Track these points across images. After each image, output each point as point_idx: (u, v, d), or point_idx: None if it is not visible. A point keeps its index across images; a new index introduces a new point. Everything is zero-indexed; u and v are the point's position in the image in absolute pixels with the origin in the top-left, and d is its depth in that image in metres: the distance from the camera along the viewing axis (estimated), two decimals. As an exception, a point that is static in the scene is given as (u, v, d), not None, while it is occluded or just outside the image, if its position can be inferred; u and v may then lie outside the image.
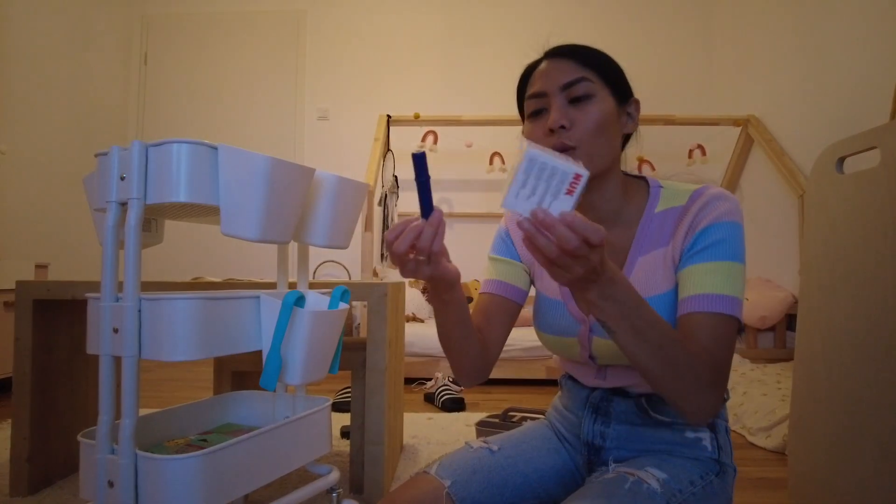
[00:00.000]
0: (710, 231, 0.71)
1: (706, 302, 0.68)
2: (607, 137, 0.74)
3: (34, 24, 3.21)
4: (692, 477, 0.72)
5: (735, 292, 0.69)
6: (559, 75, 0.74)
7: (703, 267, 0.70)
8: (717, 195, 0.73)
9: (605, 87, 0.75)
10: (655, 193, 0.79)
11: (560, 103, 0.73)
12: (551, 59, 0.77)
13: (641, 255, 0.76)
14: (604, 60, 0.77)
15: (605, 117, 0.73)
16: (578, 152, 0.72)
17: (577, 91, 0.73)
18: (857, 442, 1.06)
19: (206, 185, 0.77)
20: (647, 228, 0.77)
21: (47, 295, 1.30)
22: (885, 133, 1.06)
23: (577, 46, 0.78)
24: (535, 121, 0.76)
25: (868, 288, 1.06)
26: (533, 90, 0.77)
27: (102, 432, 0.77)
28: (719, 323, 0.67)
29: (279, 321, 0.87)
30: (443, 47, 3.99)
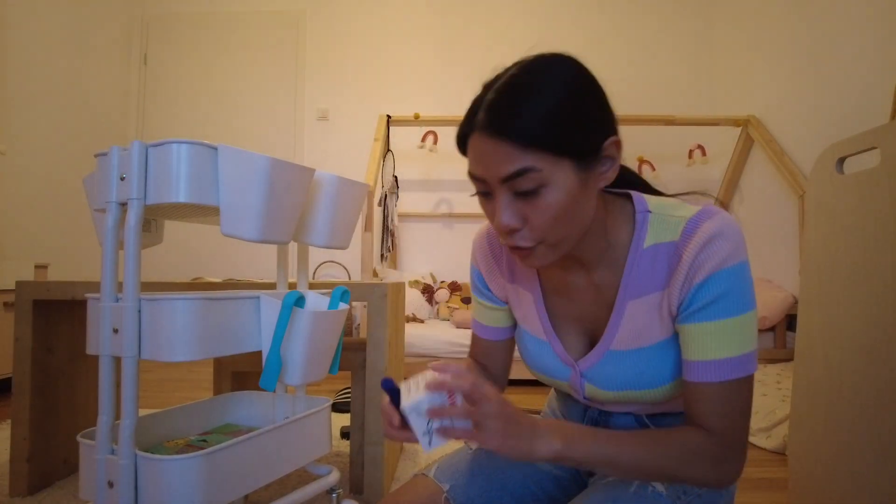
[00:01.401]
0: (711, 284, 0.60)
1: (714, 371, 0.60)
2: (572, 219, 0.60)
3: (34, 24, 3.21)
4: None
5: (745, 348, 0.61)
6: (497, 164, 0.58)
7: (707, 327, 0.61)
8: (715, 233, 0.60)
9: (559, 161, 0.57)
10: (643, 223, 0.66)
11: (505, 198, 0.59)
12: (484, 134, 0.58)
13: (631, 300, 0.66)
14: (554, 125, 0.56)
15: (563, 204, 0.58)
16: (540, 247, 0.62)
17: (523, 185, 0.57)
18: (857, 442, 1.06)
19: (206, 186, 0.77)
20: (634, 268, 0.66)
21: (47, 295, 1.30)
22: (885, 133, 1.06)
23: (513, 110, 0.56)
24: (486, 201, 0.63)
25: (868, 288, 1.06)
26: (470, 170, 0.62)
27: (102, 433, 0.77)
28: (730, 391, 0.60)
29: (279, 322, 0.87)
30: (443, 47, 3.99)
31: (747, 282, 0.61)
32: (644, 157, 3.63)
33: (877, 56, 2.31)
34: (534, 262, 0.63)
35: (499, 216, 0.60)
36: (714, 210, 0.63)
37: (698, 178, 3.80)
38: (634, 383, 0.68)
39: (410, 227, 3.88)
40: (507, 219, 0.60)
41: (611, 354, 0.69)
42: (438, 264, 3.80)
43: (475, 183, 0.62)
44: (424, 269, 3.80)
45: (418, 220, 3.87)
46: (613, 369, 0.69)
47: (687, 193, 0.74)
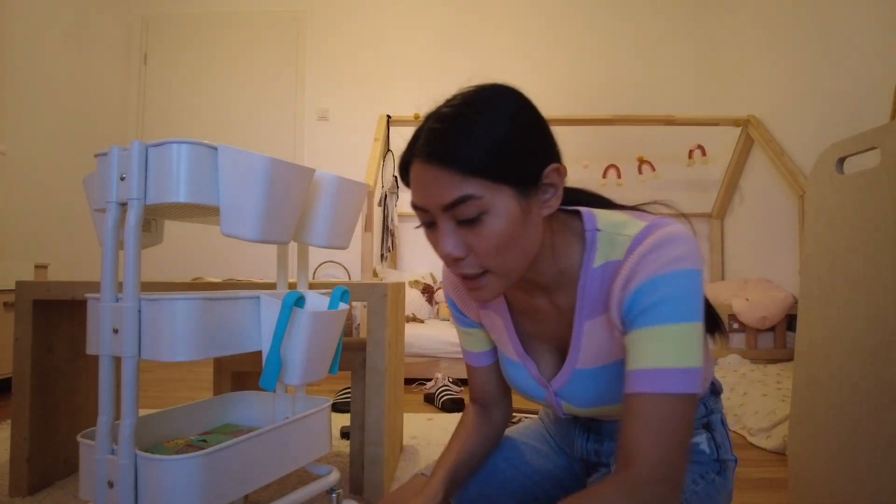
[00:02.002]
0: (648, 289, 0.58)
1: (648, 381, 0.56)
2: (517, 247, 0.60)
3: (34, 23, 3.21)
4: (693, 476, 0.72)
5: (685, 362, 0.56)
6: (437, 192, 0.58)
7: (643, 333, 0.58)
8: (661, 241, 0.59)
9: (499, 189, 0.57)
10: (592, 242, 0.65)
11: (447, 227, 0.59)
12: (424, 163, 0.59)
13: (588, 320, 0.66)
14: (494, 153, 0.57)
15: (506, 231, 0.58)
16: (487, 277, 0.61)
17: (464, 213, 0.57)
18: (857, 442, 1.06)
19: (205, 186, 0.77)
20: (586, 289, 0.65)
21: (47, 295, 1.30)
22: (885, 133, 1.06)
23: (453, 138, 0.57)
24: (431, 232, 0.63)
25: (868, 288, 1.06)
26: (413, 199, 0.63)
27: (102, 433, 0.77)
28: (665, 407, 0.55)
29: (279, 322, 0.87)
30: (443, 47, 3.99)
31: (691, 291, 0.57)
32: (644, 157, 3.63)
33: (877, 56, 2.31)
34: (484, 295, 0.62)
35: (442, 245, 0.60)
36: (663, 223, 0.61)
37: (698, 178, 3.80)
38: (606, 399, 0.68)
39: (410, 227, 3.88)
40: (451, 247, 0.60)
41: (578, 373, 0.69)
42: (438, 264, 3.78)
43: (418, 213, 0.63)
44: (424, 269, 3.80)
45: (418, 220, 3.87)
46: (583, 387, 0.69)
47: (647, 204, 0.73)
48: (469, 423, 0.82)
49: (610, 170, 3.66)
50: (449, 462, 0.75)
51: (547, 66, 3.90)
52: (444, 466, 0.74)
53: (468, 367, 0.85)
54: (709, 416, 0.76)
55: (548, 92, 3.97)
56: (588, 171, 3.63)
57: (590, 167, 3.62)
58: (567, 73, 3.89)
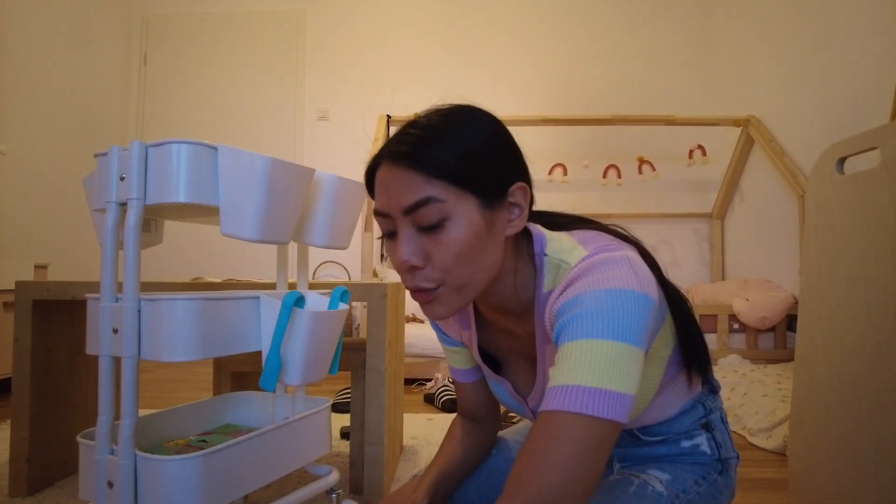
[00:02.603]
0: (571, 304, 0.54)
1: (551, 397, 0.50)
2: (476, 261, 0.58)
3: (33, 24, 3.21)
4: (696, 477, 0.72)
5: (602, 382, 0.48)
6: (399, 193, 0.57)
7: (563, 350, 0.53)
8: (593, 264, 0.56)
9: (463, 196, 0.56)
10: (541, 267, 0.64)
11: (407, 233, 0.58)
12: (391, 163, 0.59)
13: (546, 345, 0.65)
14: (462, 159, 0.56)
15: (467, 241, 0.56)
16: (441, 290, 0.58)
17: (425, 217, 0.56)
18: (857, 443, 1.06)
19: (205, 186, 0.77)
20: (539, 315, 0.64)
21: (47, 295, 1.30)
22: (885, 133, 1.06)
23: (423, 142, 0.57)
24: (391, 244, 0.61)
25: (869, 288, 1.06)
26: (375, 206, 0.61)
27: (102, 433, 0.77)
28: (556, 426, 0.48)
29: (279, 322, 0.87)
30: (443, 47, 3.99)
31: (618, 309, 0.51)
32: (644, 157, 3.63)
33: (877, 56, 2.30)
34: (437, 310, 0.60)
35: (400, 251, 0.58)
36: (607, 249, 0.58)
37: (698, 178, 3.80)
38: None
39: (410, 227, 3.88)
40: (408, 254, 0.57)
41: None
42: (438, 264, 3.79)
43: (380, 221, 0.61)
44: (424, 269, 3.80)
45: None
46: None
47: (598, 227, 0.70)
48: (456, 435, 0.82)
49: (610, 170, 3.66)
50: (434, 472, 0.76)
51: (547, 65, 3.90)
52: (430, 477, 0.76)
53: (457, 384, 0.85)
54: (708, 415, 0.76)
55: (548, 92, 3.98)
56: (588, 171, 3.63)
57: (590, 167, 3.62)
58: (567, 72, 3.89)
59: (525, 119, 3.25)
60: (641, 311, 0.53)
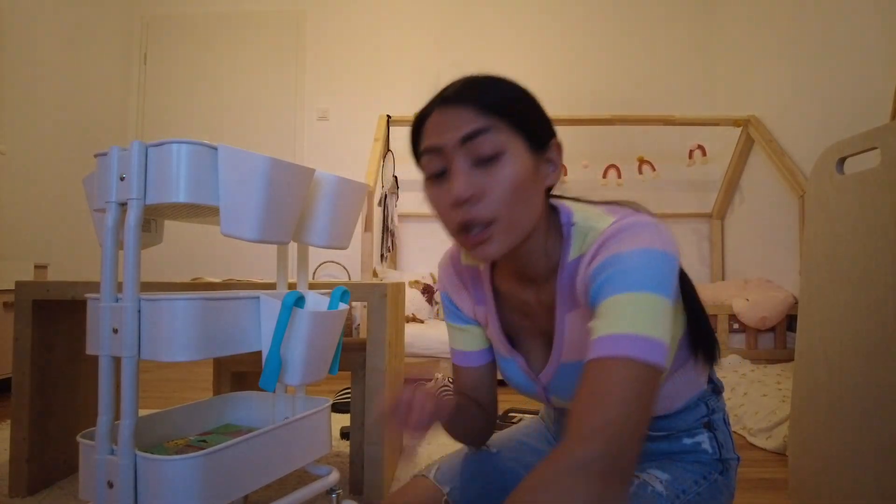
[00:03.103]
0: (608, 262, 0.56)
1: (600, 345, 0.52)
2: (527, 201, 0.60)
3: (34, 23, 3.21)
4: (696, 477, 0.72)
5: (644, 329, 0.51)
6: (457, 126, 0.59)
7: (602, 306, 0.55)
8: (625, 226, 0.58)
9: (516, 136, 0.60)
10: (568, 236, 0.66)
11: (463, 166, 0.59)
12: (448, 104, 0.61)
13: (567, 313, 0.66)
14: (512, 100, 0.61)
15: (520, 178, 0.59)
16: (494, 227, 0.59)
17: (481, 148, 0.58)
18: (857, 442, 1.06)
19: (205, 186, 0.77)
20: (563, 281, 0.65)
21: (47, 295, 1.30)
22: (885, 133, 1.06)
23: (480, 86, 0.61)
24: (438, 185, 0.62)
25: (868, 288, 1.06)
26: (427, 143, 0.62)
27: (102, 433, 0.77)
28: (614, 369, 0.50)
29: (279, 322, 0.87)
30: (442, 47, 3.99)
31: (652, 266, 0.55)
32: (644, 157, 3.63)
33: (877, 56, 2.30)
34: (489, 250, 0.60)
35: (457, 183, 0.58)
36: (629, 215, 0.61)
37: (698, 178, 3.80)
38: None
39: (410, 227, 3.88)
40: (464, 185, 0.58)
41: (564, 367, 0.69)
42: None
43: (430, 160, 0.62)
44: (424, 269, 3.80)
45: (418, 220, 3.87)
46: (569, 381, 0.69)
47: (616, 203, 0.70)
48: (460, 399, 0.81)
49: (610, 170, 3.66)
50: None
51: (547, 65, 3.89)
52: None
53: (457, 368, 0.82)
54: (710, 415, 0.76)
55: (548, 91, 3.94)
56: (588, 171, 3.63)
57: (590, 167, 3.62)
58: (567, 72, 3.89)
59: (525, 119, 3.24)
60: (672, 268, 0.56)
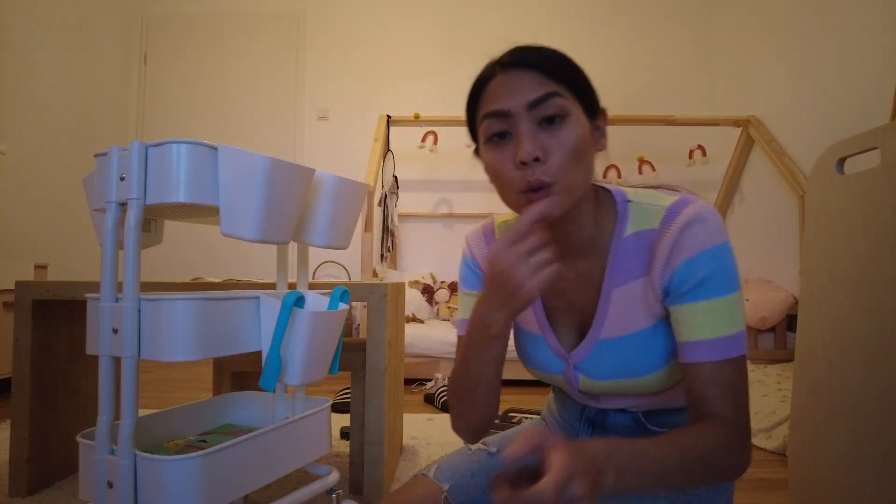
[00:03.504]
0: (694, 266, 0.62)
1: (711, 350, 0.62)
2: (585, 164, 0.63)
3: (33, 23, 3.21)
4: None
5: (737, 326, 0.63)
6: (524, 90, 0.62)
7: (697, 307, 0.62)
8: (693, 218, 0.62)
9: (575, 101, 0.64)
10: (624, 213, 0.68)
11: (529, 128, 0.62)
12: (510, 69, 0.64)
13: (616, 287, 0.68)
14: (574, 70, 0.65)
15: (581, 141, 0.62)
16: (556, 188, 0.61)
17: (547, 110, 0.61)
18: (858, 443, 1.06)
19: (205, 186, 0.77)
20: (618, 256, 0.68)
21: (47, 295, 1.30)
22: (885, 133, 1.06)
23: (541, 52, 0.64)
24: (499, 147, 0.64)
25: (869, 288, 1.06)
26: (492, 108, 0.64)
27: (102, 433, 0.77)
28: (731, 370, 0.62)
29: (279, 322, 0.87)
30: (443, 47, 3.99)
31: (731, 262, 0.63)
32: (644, 157, 3.63)
33: (877, 56, 2.30)
34: (553, 202, 0.61)
35: (523, 145, 0.61)
36: (692, 198, 0.66)
37: (699, 178, 3.80)
38: (627, 371, 0.68)
39: (410, 227, 3.88)
40: (531, 146, 0.61)
41: (602, 343, 0.69)
42: (438, 264, 3.80)
43: (493, 122, 0.64)
44: (424, 269, 3.80)
45: (418, 220, 3.87)
46: (605, 358, 0.69)
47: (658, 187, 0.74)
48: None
49: (610, 170, 3.65)
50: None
51: (547, 66, 3.89)
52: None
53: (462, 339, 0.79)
54: None
55: (548, 92, 3.97)
56: (588, 171, 3.63)
57: (590, 167, 3.62)
58: (567, 73, 3.88)
59: (525, 119, 3.25)
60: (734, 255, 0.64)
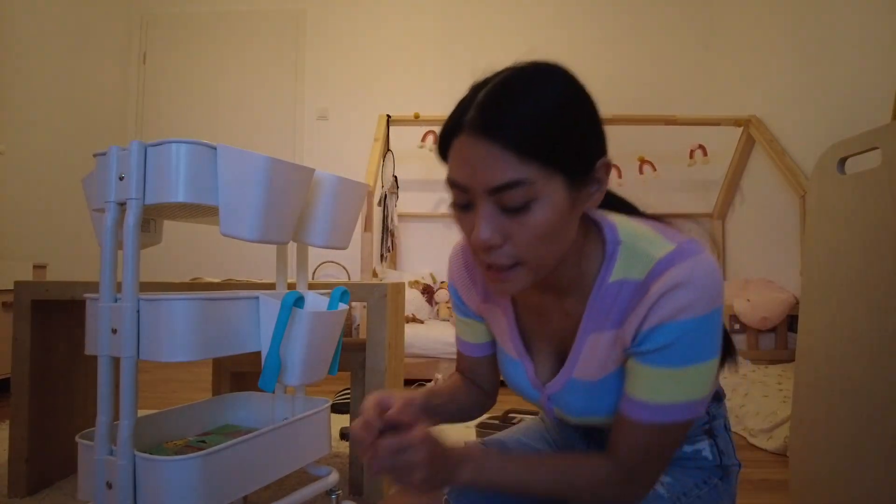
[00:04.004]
0: (661, 332, 0.57)
1: (646, 411, 0.59)
2: (556, 240, 0.57)
3: (33, 23, 3.21)
4: (696, 481, 0.72)
5: (691, 395, 0.58)
6: (485, 171, 0.53)
7: (650, 371, 0.58)
8: (680, 282, 0.56)
9: (552, 176, 0.53)
10: (612, 255, 0.62)
11: (488, 211, 0.54)
12: (476, 136, 0.53)
13: (592, 333, 0.64)
14: (556, 129, 0.53)
15: (551, 223, 0.54)
16: (519, 268, 0.57)
17: (510, 201, 0.53)
18: (858, 443, 1.06)
19: (205, 186, 0.77)
20: (597, 301, 0.63)
21: (46, 295, 1.30)
22: (886, 133, 1.06)
23: (514, 118, 0.52)
24: (463, 214, 0.58)
25: (869, 288, 1.06)
26: (453, 176, 0.57)
27: (101, 433, 0.77)
28: (657, 433, 0.59)
29: (278, 322, 0.86)
30: (442, 47, 3.99)
31: (706, 334, 0.57)
32: (645, 156, 3.63)
33: (878, 56, 2.30)
34: (508, 288, 0.59)
35: (478, 229, 0.55)
36: (690, 251, 0.58)
37: (699, 178, 3.79)
38: (597, 410, 0.67)
39: (410, 227, 3.88)
40: (488, 234, 0.55)
41: (573, 383, 0.67)
42: (438, 264, 3.79)
43: (455, 192, 0.57)
44: (424, 269, 3.80)
45: (418, 220, 3.87)
46: (576, 397, 0.68)
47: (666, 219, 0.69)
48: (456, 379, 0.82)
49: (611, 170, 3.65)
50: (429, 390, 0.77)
51: (547, 66, 3.89)
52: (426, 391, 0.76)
53: (460, 353, 0.82)
54: (711, 422, 0.75)
55: (548, 92, 3.97)
56: (588, 171, 3.63)
57: (590, 167, 3.62)
58: (567, 73, 3.88)
59: (525, 119, 3.25)
60: (721, 322, 0.58)
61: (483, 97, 0.55)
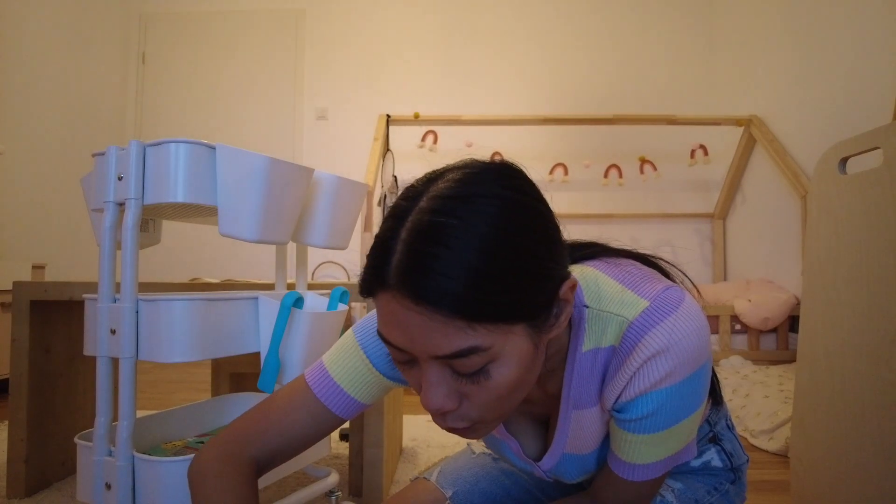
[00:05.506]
0: (642, 403, 0.52)
1: (632, 471, 0.58)
2: (520, 389, 0.49)
3: (32, 22, 3.21)
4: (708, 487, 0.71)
5: (672, 450, 0.56)
6: (426, 343, 0.43)
7: (633, 437, 0.55)
8: (660, 349, 0.50)
9: (510, 330, 0.44)
10: (579, 321, 0.55)
11: (436, 376, 0.46)
12: (406, 300, 0.42)
13: (575, 410, 0.59)
14: (502, 289, 0.42)
15: (514, 378, 0.46)
16: (481, 424, 0.50)
17: (464, 367, 0.44)
18: (860, 444, 1.05)
19: (204, 186, 0.76)
20: (574, 375, 0.57)
21: (44, 296, 1.29)
22: (887, 133, 1.05)
23: (444, 284, 0.41)
24: (406, 370, 0.49)
25: (871, 289, 1.06)
26: (384, 334, 0.46)
27: (100, 434, 0.76)
28: (639, 486, 0.59)
29: (277, 322, 0.86)
30: (442, 47, 3.99)
31: (690, 393, 0.52)
32: (646, 156, 3.63)
33: (879, 56, 2.30)
34: (471, 437, 0.53)
35: (430, 396, 0.46)
36: (667, 305, 0.51)
37: (700, 177, 3.79)
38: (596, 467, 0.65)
39: (410, 227, 3.87)
40: (440, 399, 0.46)
41: (567, 458, 0.65)
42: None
43: (391, 349, 0.47)
44: (424, 269, 3.79)
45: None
46: (573, 467, 0.65)
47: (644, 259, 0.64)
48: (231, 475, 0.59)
49: (611, 170, 3.65)
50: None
51: (549, 65, 3.89)
52: None
53: (308, 388, 0.63)
54: (713, 428, 0.75)
55: (549, 91, 3.97)
56: (590, 170, 3.63)
57: (591, 167, 3.62)
58: (569, 72, 3.88)
59: (526, 119, 3.24)
60: (708, 375, 0.55)
61: (404, 252, 0.43)
